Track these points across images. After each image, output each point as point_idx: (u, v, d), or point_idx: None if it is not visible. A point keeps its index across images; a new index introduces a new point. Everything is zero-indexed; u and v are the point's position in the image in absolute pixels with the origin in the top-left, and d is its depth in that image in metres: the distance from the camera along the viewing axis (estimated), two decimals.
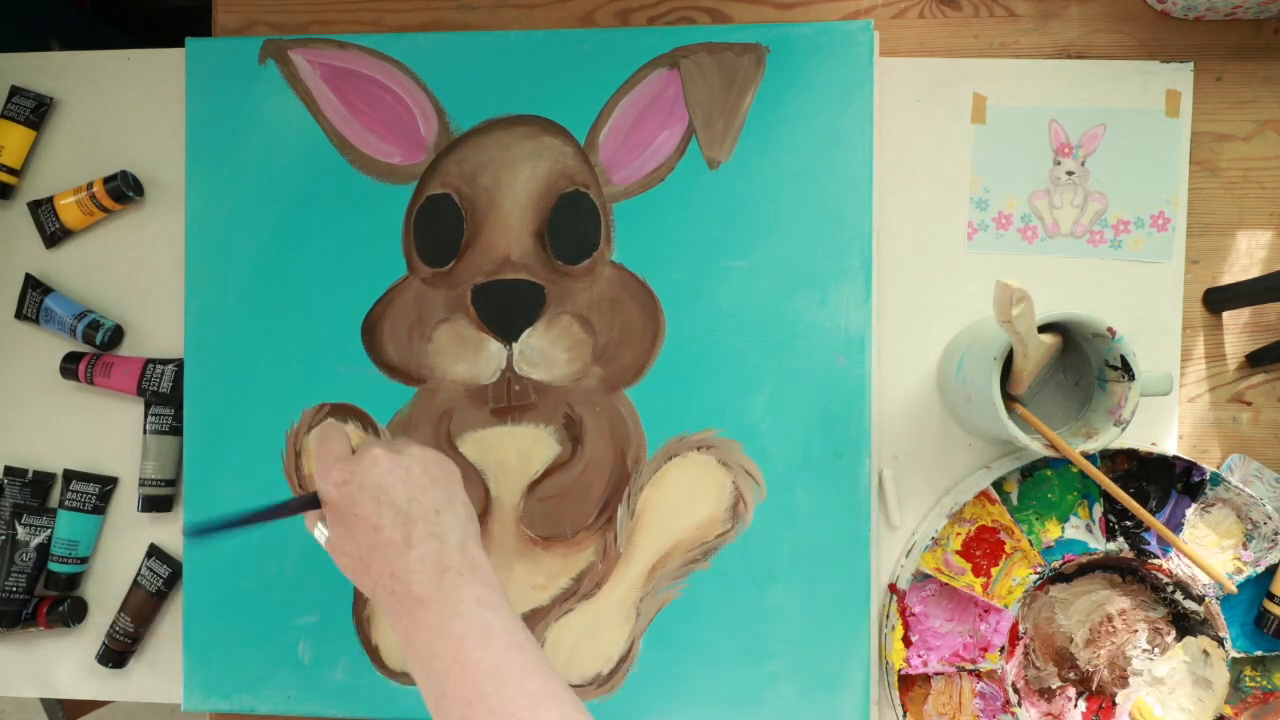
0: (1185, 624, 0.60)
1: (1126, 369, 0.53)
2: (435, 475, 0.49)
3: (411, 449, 0.49)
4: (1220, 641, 0.58)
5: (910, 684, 0.60)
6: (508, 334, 0.63)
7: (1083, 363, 0.57)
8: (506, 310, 0.63)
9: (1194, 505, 0.59)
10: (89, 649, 0.67)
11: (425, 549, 0.46)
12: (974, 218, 0.63)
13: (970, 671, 0.60)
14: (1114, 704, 0.61)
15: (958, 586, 0.59)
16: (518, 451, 0.63)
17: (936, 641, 0.60)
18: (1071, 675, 0.61)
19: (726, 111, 0.62)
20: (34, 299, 0.67)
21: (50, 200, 0.66)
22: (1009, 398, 0.55)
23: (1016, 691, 0.60)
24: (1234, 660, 0.58)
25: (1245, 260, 0.62)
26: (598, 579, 0.63)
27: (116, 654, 0.66)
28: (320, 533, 0.50)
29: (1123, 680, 0.60)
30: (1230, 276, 0.62)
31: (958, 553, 0.60)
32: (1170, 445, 0.62)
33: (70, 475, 0.67)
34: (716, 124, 0.62)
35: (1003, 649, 0.59)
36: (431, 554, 0.46)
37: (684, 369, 0.62)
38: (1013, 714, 0.59)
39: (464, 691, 0.42)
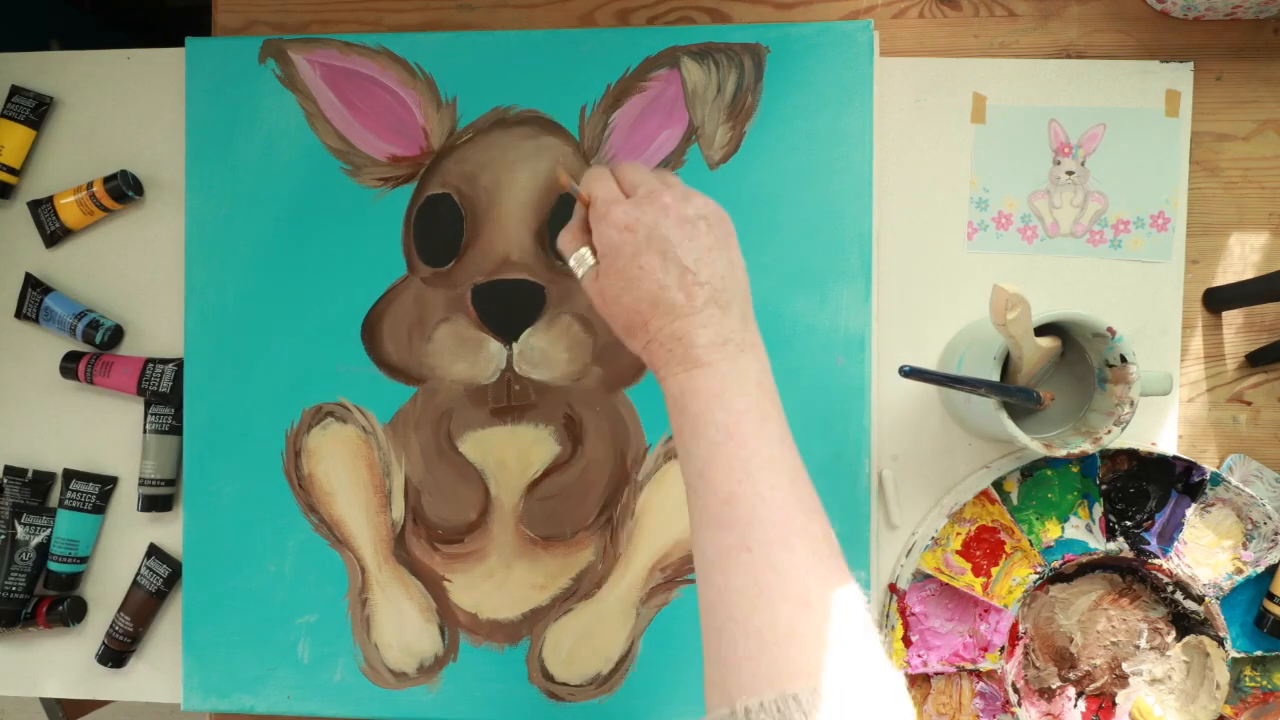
0: (1185, 624, 0.60)
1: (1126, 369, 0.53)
2: (720, 236, 0.46)
3: (694, 199, 0.46)
4: (1220, 641, 0.58)
5: (910, 684, 0.60)
6: (508, 334, 0.63)
7: (1083, 363, 0.57)
8: (506, 310, 0.63)
9: (1194, 505, 0.59)
10: (89, 649, 0.67)
11: (708, 316, 0.44)
12: (974, 217, 0.62)
13: (970, 671, 0.60)
14: (1114, 704, 0.61)
15: (958, 586, 0.59)
16: (517, 451, 0.63)
17: (936, 641, 0.60)
18: (1071, 675, 0.61)
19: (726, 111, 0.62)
20: (34, 298, 0.67)
21: (50, 200, 0.66)
22: None
23: (1016, 691, 0.60)
24: (1234, 660, 0.58)
25: (1245, 260, 0.62)
26: (598, 579, 0.62)
27: (116, 654, 0.66)
28: (582, 264, 0.48)
29: (1123, 680, 0.61)
30: (1230, 276, 0.62)
31: (958, 553, 0.60)
32: (1170, 445, 0.62)
33: (70, 475, 0.67)
34: (716, 124, 0.62)
35: (1003, 649, 0.59)
36: (714, 322, 0.44)
37: None
38: (1013, 714, 0.59)
39: (735, 469, 0.41)
